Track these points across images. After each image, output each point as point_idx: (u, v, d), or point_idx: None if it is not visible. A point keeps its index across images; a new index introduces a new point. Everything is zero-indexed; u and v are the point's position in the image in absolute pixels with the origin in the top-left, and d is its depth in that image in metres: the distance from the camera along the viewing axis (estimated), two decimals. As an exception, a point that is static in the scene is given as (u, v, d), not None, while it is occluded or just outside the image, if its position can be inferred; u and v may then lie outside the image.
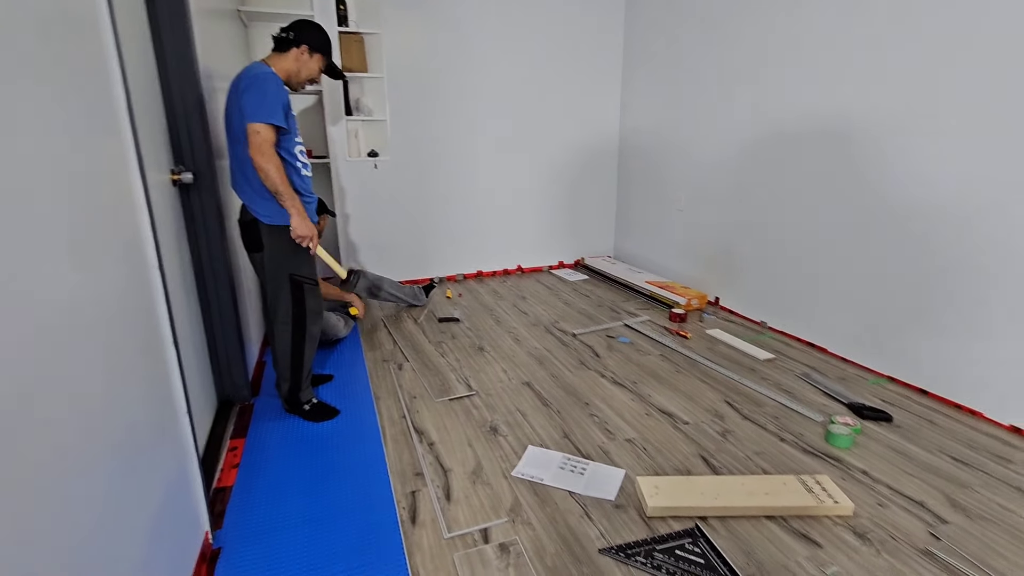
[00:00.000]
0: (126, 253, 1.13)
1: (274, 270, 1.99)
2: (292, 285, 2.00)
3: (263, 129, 1.77)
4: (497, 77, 3.79)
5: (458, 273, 4.10)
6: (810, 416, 2.12)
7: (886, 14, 2.27)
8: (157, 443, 1.20)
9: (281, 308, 2.02)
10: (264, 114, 1.77)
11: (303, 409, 2.14)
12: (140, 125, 1.25)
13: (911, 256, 2.28)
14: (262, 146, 1.77)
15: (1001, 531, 1.52)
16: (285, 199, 1.84)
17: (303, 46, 1.96)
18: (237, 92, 1.82)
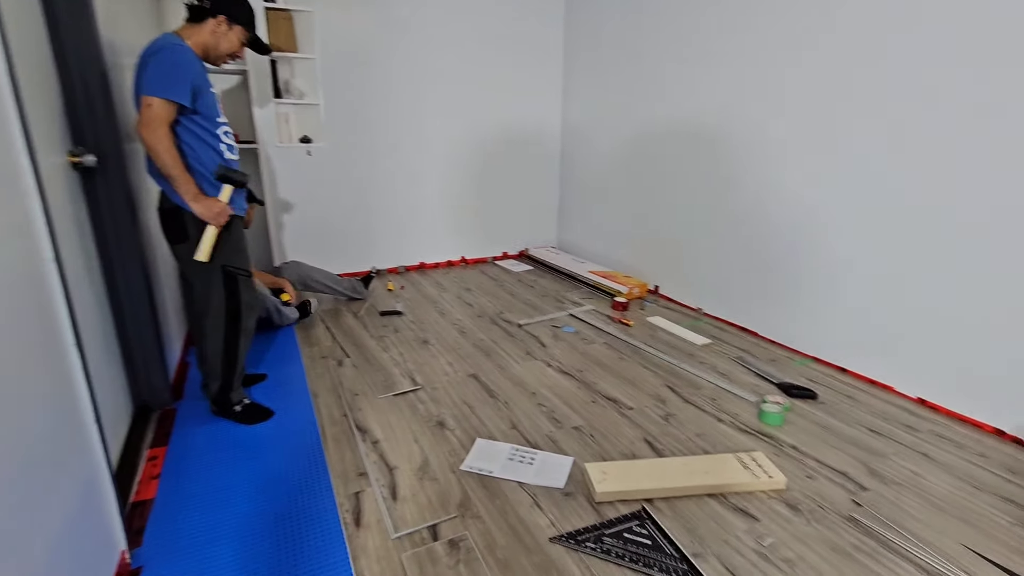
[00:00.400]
0: (13, 245, 0.99)
1: (204, 264, 1.82)
2: (225, 277, 1.86)
3: (156, 104, 1.60)
4: (438, 65, 3.69)
5: (400, 265, 3.99)
6: (744, 397, 2.22)
7: (776, 39, 2.39)
8: (59, 459, 1.07)
9: (213, 302, 1.87)
10: (161, 87, 1.60)
11: (234, 411, 2.00)
12: (28, 102, 1.09)
13: (809, 250, 2.43)
14: (151, 122, 1.60)
15: (912, 494, 1.65)
16: (179, 183, 1.68)
17: (220, 16, 1.78)
18: (143, 66, 1.64)
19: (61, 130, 1.57)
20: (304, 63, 3.34)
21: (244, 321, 1.94)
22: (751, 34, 2.67)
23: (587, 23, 3.80)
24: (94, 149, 1.64)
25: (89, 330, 1.52)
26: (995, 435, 1.97)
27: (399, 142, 3.73)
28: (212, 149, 1.77)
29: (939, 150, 2.01)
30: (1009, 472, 1.76)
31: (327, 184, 3.58)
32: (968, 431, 2.00)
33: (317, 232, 3.62)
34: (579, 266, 3.89)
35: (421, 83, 3.68)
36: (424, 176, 3.88)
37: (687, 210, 3.20)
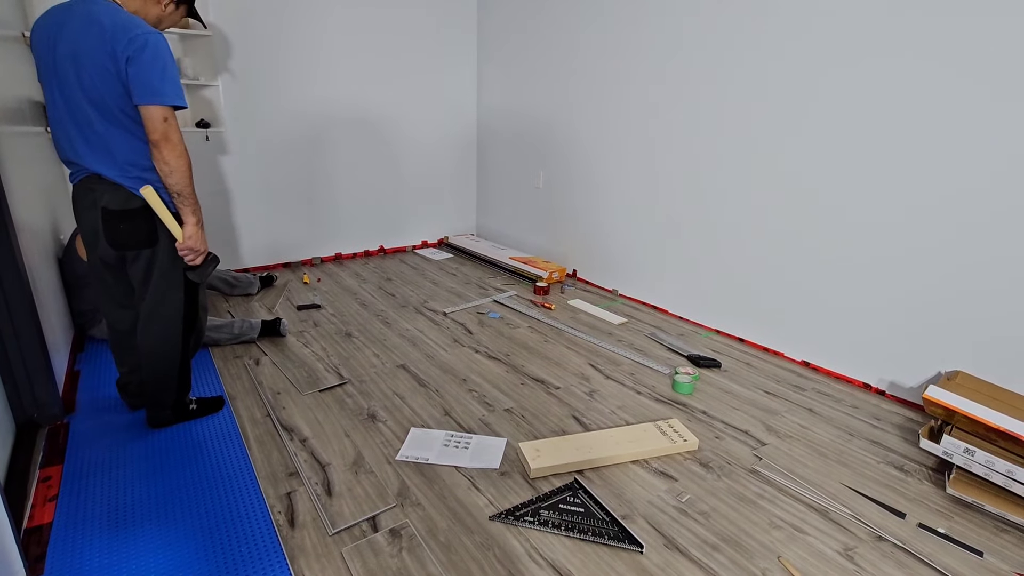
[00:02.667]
0: None
1: (169, 267, 1.67)
2: (186, 280, 1.72)
3: (171, 115, 1.47)
4: (350, 48, 3.54)
5: (314, 256, 3.82)
6: (659, 370, 2.40)
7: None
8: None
9: (169, 309, 1.71)
10: (169, 94, 1.46)
11: (190, 411, 1.91)
12: None
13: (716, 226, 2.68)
14: (171, 136, 1.47)
15: (802, 445, 1.89)
16: (187, 202, 1.56)
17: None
18: (111, 55, 1.42)
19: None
20: (197, 40, 3.07)
21: (201, 324, 1.85)
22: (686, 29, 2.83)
23: (499, 11, 3.82)
24: (-49, 132, 1.42)
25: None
26: (863, 389, 2.30)
27: (309, 127, 3.55)
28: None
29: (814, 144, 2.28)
30: (875, 419, 2.07)
31: (228, 172, 3.33)
32: (844, 387, 2.31)
33: (217, 223, 3.37)
34: (499, 253, 3.94)
35: (333, 65, 3.52)
36: (337, 164, 3.73)
37: (599, 196, 3.35)
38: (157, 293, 1.70)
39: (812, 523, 1.53)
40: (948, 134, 1.92)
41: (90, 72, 1.45)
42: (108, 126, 1.50)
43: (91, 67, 1.44)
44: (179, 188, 1.55)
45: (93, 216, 1.60)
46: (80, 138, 1.52)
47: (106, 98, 1.47)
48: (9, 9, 2.30)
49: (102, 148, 1.53)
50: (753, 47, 2.42)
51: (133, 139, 1.53)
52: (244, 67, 3.22)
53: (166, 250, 1.65)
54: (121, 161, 1.54)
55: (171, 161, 1.50)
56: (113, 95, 1.47)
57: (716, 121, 2.64)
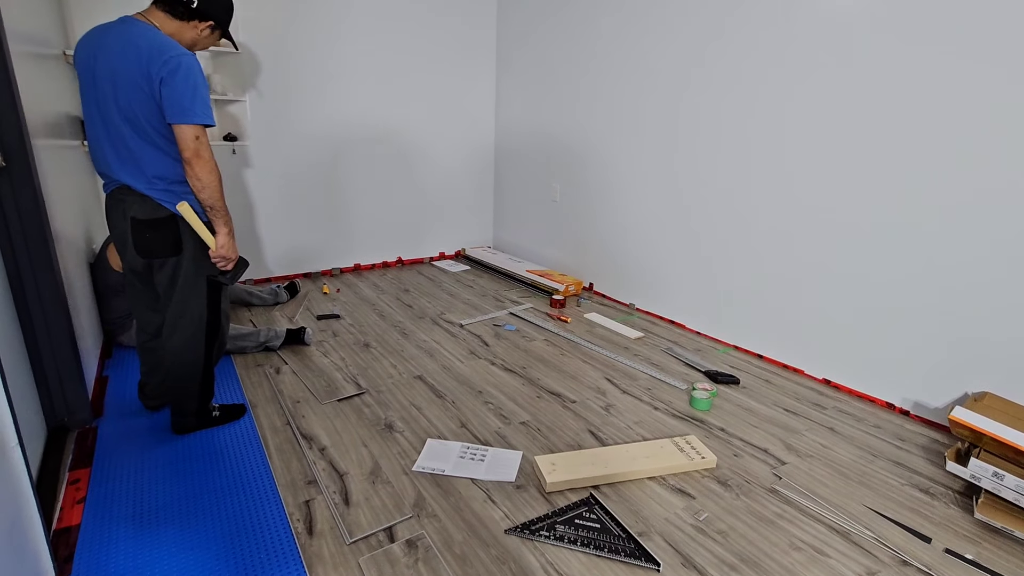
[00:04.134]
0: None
1: (194, 274, 1.73)
2: (209, 287, 1.77)
3: (203, 134, 1.55)
4: (371, 64, 3.63)
5: (334, 267, 3.88)
6: (676, 385, 2.38)
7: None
8: (-19, 485, 0.98)
9: (193, 316, 1.77)
10: (200, 114, 1.53)
11: (214, 417, 1.95)
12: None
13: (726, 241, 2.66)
14: (202, 152, 1.54)
15: (823, 465, 1.86)
16: (218, 214, 1.63)
17: (209, 22, 1.69)
18: (147, 76, 1.49)
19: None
20: (227, 57, 3.17)
21: (223, 329, 1.89)
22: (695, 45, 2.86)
23: (518, 28, 3.88)
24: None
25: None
26: (887, 408, 2.25)
27: (331, 142, 3.63)
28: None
29: (839, 158, 2.27)
30: (899, 440, 2.03)
31: (252, 184, 3.42)
32: (866, 406, 2.27)
33: (242, 234, 3.45)
34: (516, 265, 3.97)
35: (354, 81, 3.60)
36: (357, 177, 3.81)
37: (616, 210, 3.36)
38: (181, 300, 1.75)
39: (834, 545, 1.50)
40: (981, 144, 1.89)
41: (126, 91, 1.52)
42: (140, 142, 1.57)
43: (127, 86, 1.51)
44: (211, 202, 1.62)
45: (123, 225, 1.67)
46: (112, 152, 1.60)
47: (139, 116, 1.54)
48: (51, 28, 2.41)
49: (132, 162, 1.59)
50: (776, 63, 2.43)
51: (162, 154, 1.60)
52: (271, 83, 3.31)
53: (190, 259, 1.71)
54: (149, 174, 1.61)
55: (203, 177, 1.57)
56: (146, 113, 1.54)
57: (735, 136, 2.64)
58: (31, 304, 1.66)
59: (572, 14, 3.42)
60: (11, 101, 1.53)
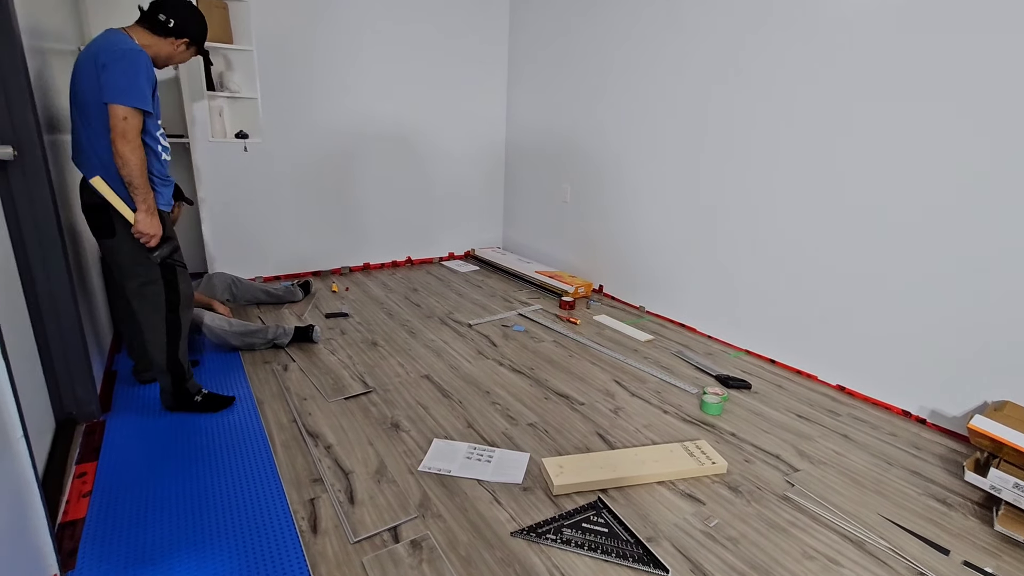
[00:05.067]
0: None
1: (138, 257, 1.79)
2: (163, 268, 1.83)
3: (131, 115, 1.62)
4: (382, 63, 3.63)
5: (343, 266, 3.89)
6: (686, 389, 2.34)
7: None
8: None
9: (149, 295, 1.84)
10: (133, 97, 1.62)
11: (194, 402, 2.00)
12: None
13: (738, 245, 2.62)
14: (127, 133, 1.62)
15: (836, 472, 1.82)
16: (138, 191, 1.69)
17: (183, 39, 1.83)
18: (95, 64, 1.61)
19: (-29, 118, 1.43)
20: (240, 55, 3.19)
21: (183, 312, 1.93)
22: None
23: (531, 30, 3.87)
24: (11, 141, 1.50)
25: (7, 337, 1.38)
26: (902, 416, 2.20)
27: (342, 140, 3.64)
28: (152, 152, 1.77)
29: (871, 152, 2.23)
30: (915, 448, 1.98)
31: (263, 182, 3.43)
32: (881, 414, 2.22)
33: (251, 231, 3.46)
34: (525, 266, 3.95)
35: (365, 79, 3.61)
36: (368, 176, 3.81)
37: (627, 212, 3.33)
38: (134, 284, 1.84)
39: (848, 555, 1.46)
40: (1005, 146, 1.85)
41: (81, 81, 1.65)
42: (87, 129, 1.68)
43: (83, 77, 1.64)
44: (130, 179, 1.67)
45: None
46: (74, 144, 1.74)
47: (88, 102, 1.65)
48: (67, 25, 2.44)
49: (81, 149, 1.72)
50: (790, 64, 2.39)
51: (100, 138, 1.68)
52: (283, 82, 3.32)
53: (125, 239, 1.77)
54: (93, 159, 1.71)
55: (124, 154, 1.63)
56: (93, 98, 1.64)
57: (749, 138, 2.60)
58: (41, 297, 1.67)
59: (585, 15, 3.40)
60: (24, 94, 1.53)
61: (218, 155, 3.23)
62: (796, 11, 2.33)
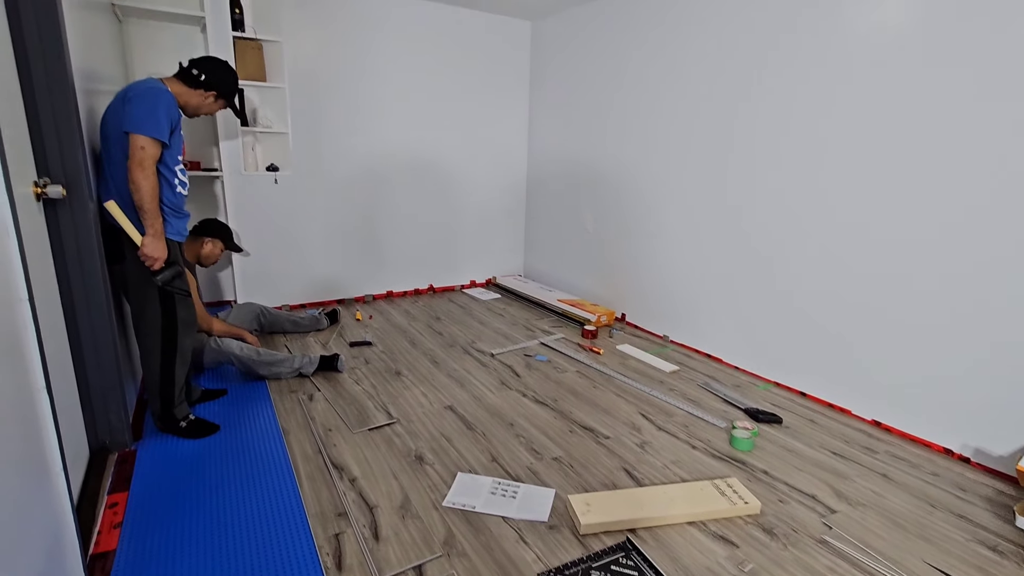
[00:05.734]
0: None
1: (142, 281, 1.88)
2: (162, 295, 1.91)
3: (148, 144, 1.73)
4: (406, 96, 3.74)
5: (367, 294, 3.94)
6: (714, 423, 2.29)
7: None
8: (26, 512, 1.00)
9: (148, 319, 1.93)
10: (150, 128, 1.73)
11: (179, 427, 2.05)
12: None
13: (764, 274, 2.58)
14: (144, 161, 1.73)
15: (876, 515, 1.74)
16: (147, 216, 1.78)
17: (211, 92, 1.99)
18: (123, 100, 1.75)
19: (27, 159, 1.51)
20: (272, 92, 3.32)
21: (180, 339, 1.99)
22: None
23: (551, 59, 3.95)
24: (61, 180, 1.58)
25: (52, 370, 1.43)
26: (944, 454, 2.11)
27: (368, 171, 3.73)
28: (168, 184, 1.89)
29: (895, 180, 2.20)
30: (960, 490, 1.89)
31: (292, 213, 3.52)
32: (921, 451, 2.13)
33: (280, 260, 3.54)
34: (547, 294, 3.94)
35: (389, 112, 3.71)
36: (392, 205, 3.88)
37: (650, 240, 3.32)
38: (137, 306, 1.94)
39: (893, 606, 1.39)
40: (1033, 184, 1.80)
41: (109, 115, 1.79)
42: (108, 156, 1.80)
43: (111, 111, 1.79)
44: (141, 204, 1.76)
45: None
46: (98, 172, 1.88)
47: (110, 132, 1.78)
48: (115, 70, 2.58)
49: (102, 176, 1.85)
50: (812, 85, 2.39)
51: (118, 166, 1.80)
52: (312, 116, 3.44)
53: (132, 263, 1.86)
54: (110, 185, 1.82)
55: (138, 180, 1.73)
56: (115, 129, 1.76)
57: (774, 164, 2.59)
58: (83, 330, 1.72)
59: (605, 46, 3.47)
60: (75, 136, 1.61)
61: (250, 187, 3.33)
62: (820, 26, 2.34)
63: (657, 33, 3.10)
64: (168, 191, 1.88)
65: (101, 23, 2.40)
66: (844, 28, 2.25)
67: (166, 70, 2.08)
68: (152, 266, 1.84)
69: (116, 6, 2.76)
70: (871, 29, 2.16)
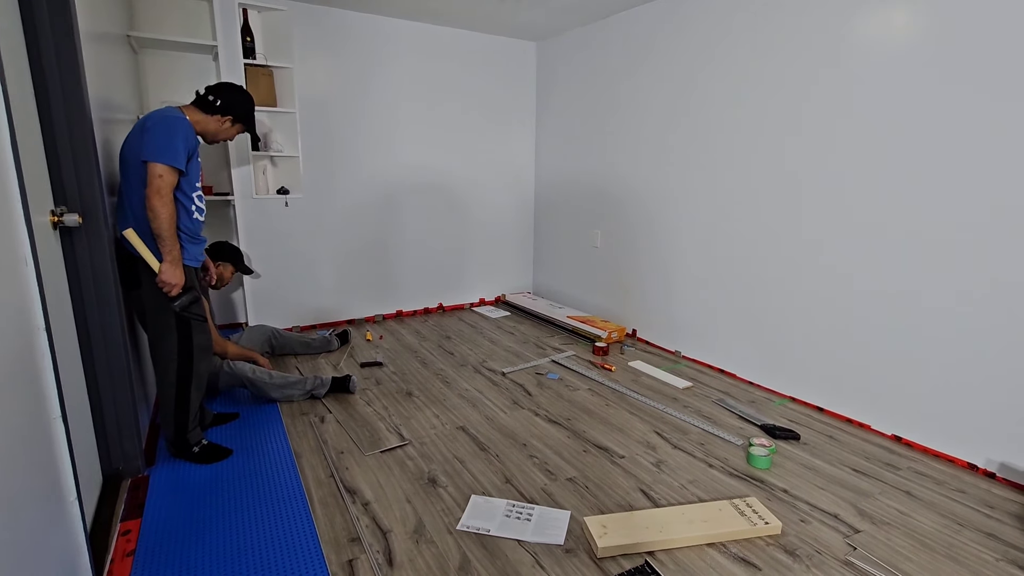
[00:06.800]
0: (8, 314, 0.94)
1: (159, 307, 1.90)
2: (178, 321, 1.92)
3: (166, 172, 1.76)
4: (415, 118, 3.79)
5: (377, 314, 3.95)
6: (731, 440, 2.25)
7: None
8: (41, 541, 0.99)
9: (166, 345, 1.94)
10: (168, 156, 1.76)
11: (192, 452, 2.05)
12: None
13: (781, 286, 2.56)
14: (162, 189, 1.76)
15: (902, 534, 1.69)
16: (165, 243, 1.81)
17: (228, 116, 2.03)
18: (142, 129, 1.78)
19: (44, 189, 1.53)
20: (283, 117, 3.37)
21: (196, 364, 2.00)
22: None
23: (558, 75, 4.00)
24: (78, 208, 1.60)
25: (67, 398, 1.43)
26: (970, 470, 2.06)
27: (376, 192, 3.77)
28: (185, 209, 1.92)
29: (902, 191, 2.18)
30: (988, 507, 1.83)
31: (302, 235, 3.55)
32: (944, 467, 2.08)
33: (291, 281, 3.56)
34: (557, 311, 3.93)
35: (398, 134, 3.76)
36: (401, 224, 3.91)
37: (660, 255, 3.31)
38: (154, 332, 1.95)
39: (925, 631, 1.34)
40: (1048, 193, 1.78)
41: (127, 144, 1.83)
42: (127, 185, 1.84)
43: (130, 140, 1.84)
44: (159, 231, 1.79)
45: None
46: (117, 200, 1.93)
47: (129, 161, 1.82)
48: (130, 99, 2.64)
49: (120, 204, 1.89)
50: (823, 100, 2.39)
51: (136, 194, 1.83)
52: (322, 140, 3.49)
53: (149, 289, 1.88)
54: (128, 214, 1.86)
55: (156, 208, 1.76)
56: (133, 158, 1.80)
57: (786, 176, 2.58)
58: (97, 357, 1.74)
59: (610, 65, 3.50)
60: (92, 165, 1.64)
61: (261, 211, 3.37)
62: (825, 38, 2.35)
63: (662, 51, 3.13)
64: (185, 217, 1.91)
65: (117, 54, 2.46)
66: (850, 34, 2.25)
67: (180, 99, 2.14)
68: (170, 292, 1.86)
69: (132, 37, 2.83)
70: (878, 33, 2.17)
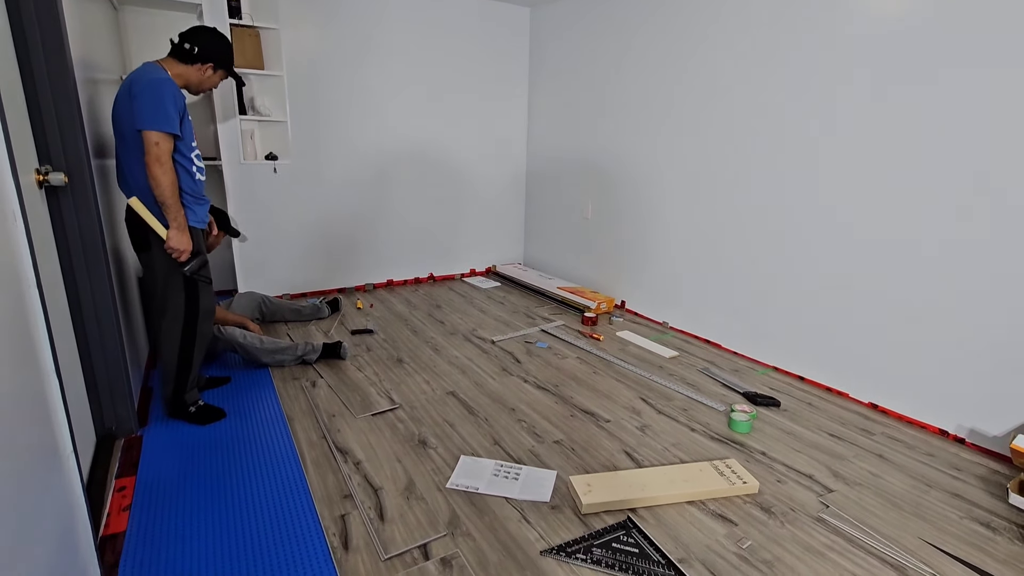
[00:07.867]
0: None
1: (166, 272, 1.91)
2: (187, 283, 1.94)
3: (161, 139, 1.75)
4: (406, 84, 3.73)
5: (367, 283, 3.95)
6: (713, 406, 2.32)
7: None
8: (38, 493, 1.02)
9: (172, 306, 1.96)
10: (161, 122, 1.74)
11: (188, 412, 2.09)
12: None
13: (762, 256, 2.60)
14: (160, 156, 1.75)
15: (873, 494, 1.77)
16: (170, 210, 1.81)
17: (208, 64, 1.96)
18: (129, 95, 1.75)
19: (28, 148, 1.51)
20: (270, 80, 3.30)
21: (201, 325, 2.03)
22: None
23: (551, 47, 3.93)
24: (63, 167, 1.58)
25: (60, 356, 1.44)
26: (940, 435, 2.14)
27: (367, 161, 3.73)
28: (186, 171, 1.90)
29: (885, 185, 2.20)
30: (955, 469, 1.92)
31: (292, 202, 3.52)
32: (916, 432, 2.16)
33: (281, 249, 3.55)
34: (547, 282, 3.96)
35: (388, 101, 3.70)
36: (391, 194, 3.88)
37: (649, 227, 3.33)
38: (161, 294, 1.96)
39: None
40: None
41: (119, 112, 1.80)
42: (126, 153, 1.83)
43: (120, 108, 1.80)
44: (163, 199, 1.80)
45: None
46: (117, 167, 1.91)
47: (125, 130, 1.80)
48: (112, 58, 2.57)
49: (122, 173, 1.89)
50: (812, 79, 2.39)
51: (136, 162, 1.82)
52: (311, 105, 3.43)
53: (158, 256, 1.90)
54: (130, 181, 1.86)
55: (157, 176, 1.76)
56: (128, 126, 1.78)
57: (771, 151, 2.60)
58: (87, 318, 1.74)
59: (603, 33, 3.45)
60: (76, 124, 1.62)
61: (249, 176, 3.33)
62: (821, 18, 2.33)
63: (656, 20, 3.09)
64: (187, 179, 1.90)
65: (98, 11, 2.38)
66: (845, 22, 2.24)
67: (158, 51, 2.06)
68: (179, 258, 1.87)
69: (112, -7, 2.74)
70: (876, 22, 2.15)
